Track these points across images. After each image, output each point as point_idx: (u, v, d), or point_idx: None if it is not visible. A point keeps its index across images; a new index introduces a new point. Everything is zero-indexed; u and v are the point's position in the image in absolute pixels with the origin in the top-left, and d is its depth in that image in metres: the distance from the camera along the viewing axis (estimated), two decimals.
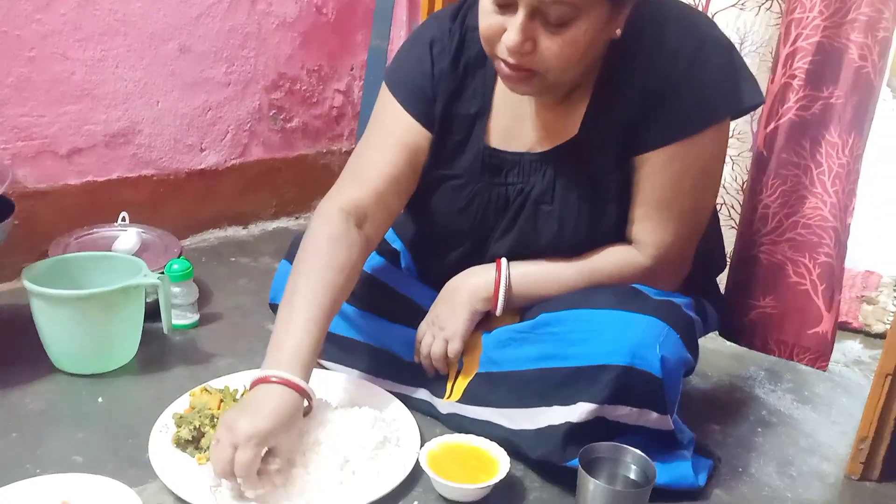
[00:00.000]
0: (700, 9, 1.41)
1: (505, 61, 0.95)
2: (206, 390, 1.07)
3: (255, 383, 0.96)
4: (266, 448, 0.91)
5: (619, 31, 0.97)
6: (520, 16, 0.90)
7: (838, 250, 1.29)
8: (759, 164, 1.35)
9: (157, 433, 1.03)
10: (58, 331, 1.18)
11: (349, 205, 1.08)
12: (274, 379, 0.94)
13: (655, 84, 1.01)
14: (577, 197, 1.07)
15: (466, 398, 1.11)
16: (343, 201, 1.09)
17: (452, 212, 1.13)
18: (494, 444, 1.03)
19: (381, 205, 1.10)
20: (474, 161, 1.11)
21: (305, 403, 0.98)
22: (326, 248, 1.04)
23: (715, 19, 1.38)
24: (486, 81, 1.09)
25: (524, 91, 1.00)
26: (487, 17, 0.94)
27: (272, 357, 0.97)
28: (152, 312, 1.29)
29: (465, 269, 1.14)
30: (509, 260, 1.11)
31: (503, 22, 0.92)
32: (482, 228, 1.13)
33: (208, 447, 0.98)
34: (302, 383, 0.95)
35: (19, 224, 1.35)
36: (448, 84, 1.09)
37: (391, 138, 1.10)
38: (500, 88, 1.08)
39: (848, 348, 1.55)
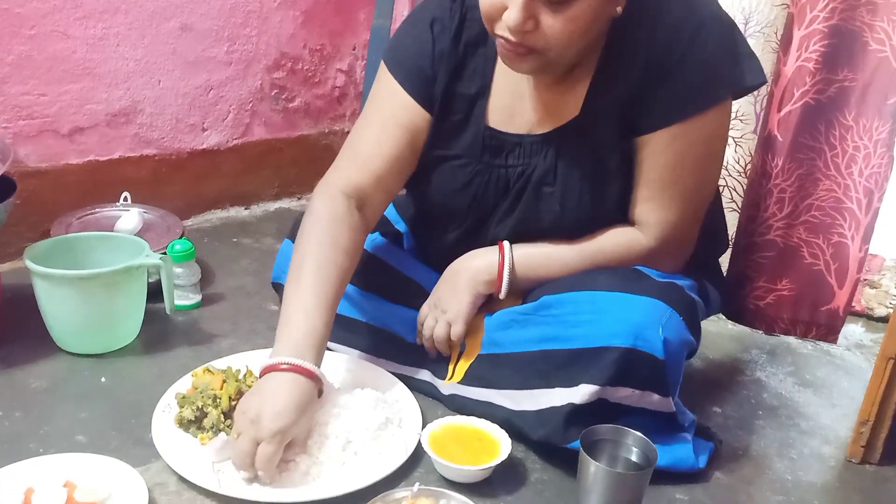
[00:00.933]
0: None
1: (506, 39, 0.94)
2: (209, 370, 1.07)
3: (267, 369, 0.95)
4: (288, 439, 0.92)
5: (619, 9, 0.97)
6: None
7: (854, 231, 1.30)
8: (773, 148, 1.35)
9: (159, 413, 1.03)
10: (60, 311, 1.18)
11: (349, 187, 1.09)
12: (284, 366, 0.93)
13: (657, 62, 1.00)
14: (579, 178, 1.06)
15: (468, 380, 1.11)
16: (343, 183, 1.09)
17: (451, 192, 1.13)
18: (496, 426, 1.04)
19: (381, 187, 1.10)
20: (474, 141, 1.10)
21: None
22: (330, 230, 1.04)
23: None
24: (487, 61, 1.08)
25: (523, 69, 1.00)
26: None
27: (284, 342, 0.96)
28: (154, 293, 1.29)
29: (465, 250, 1.14)
30: (511, 242, 1.11)
31: (504, 0, 0.92)
32: (481, 210, 1.12)
33: (211, 427, 0.99)
34: (314, 369, 0.94)
35: (21, 203, 1.35)
36: (448, 63, 1.08)
37: (390, 119, 1.10)
38: (500, 68, 1.07)
39: (850, 331, 1.55)
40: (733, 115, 1.35)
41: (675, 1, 1.00)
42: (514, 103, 1.09)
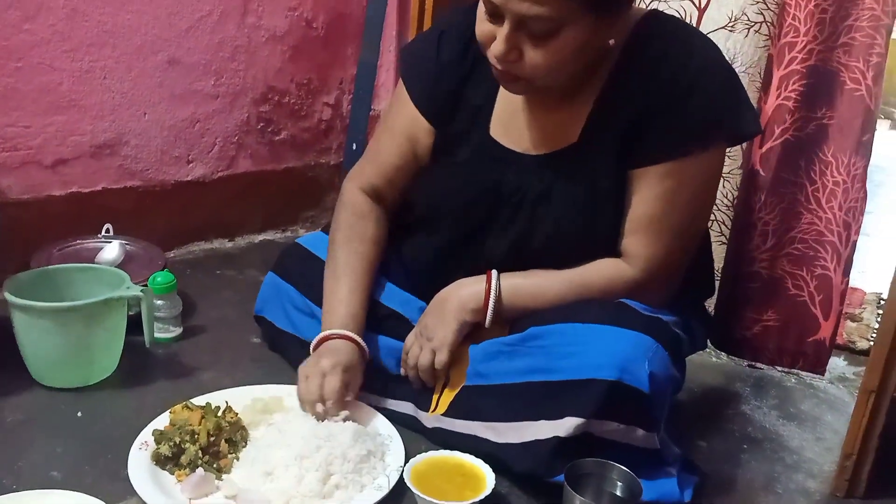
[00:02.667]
0: None
1: (494, 66, 1.00)
2: (188, 407, 1.05)
3: (318, 342, 1.12)
4: (347, 380, 1.08)
5: (612, 42, 1.00)
6: (505, 27, 0.95)
7: (836, 263, 1.33)
8: (755, 183, 1.37)
9: (136, 450, 1.01)
10: (38, 343, 1.16)
11: (367, 186, 1.24)
12: (334, 336, 1.11)
13: (658, 100, 1.02)
14: (574, 202, 1.08)
15: (452, 411, 1.10)
16: (361, 182, 1.25)
17: (445, 194, 1.15)
18: (480, 460, 1.02)
19: (393, 187, 1.24)
20: (475, 149, 1.14)
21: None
22: (357, 223, 1.21)
23: None
24: (492, 74, 1.10)
25: (516, 91, 1.05)
26: (481, 23, 0.99)
27: (328, 321, 1.14)
28: (135, 325, 1.27)
29: (455, 266, 1.15)
30: (505, 261, 1.11)
31: (493, 30, 0.97)
32: (471, 218, 1.14)
33: (188, 463, 0.98)
34: (357, 338, 1.12)
35: (1, 234, 1.33)
36: (455, 72, 1.14)
37: (399, 128, 1.20)
38: None
39: (832, 365, 1.56)
40: None
41: (682, 43, 1.03)
42: (515, 119, 1.12)
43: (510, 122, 1.12)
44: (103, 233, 1.53)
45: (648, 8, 1.15)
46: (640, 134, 1.04)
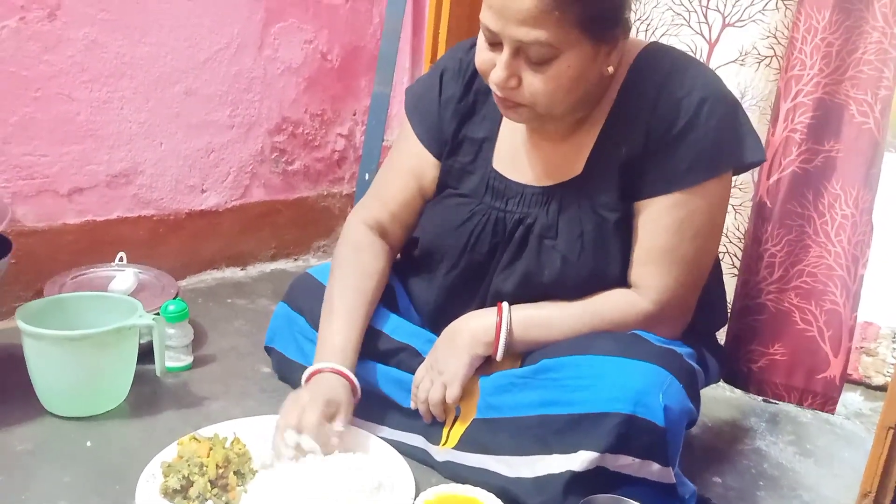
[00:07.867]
0: None
1: (495, 93, 1.01)
2: (195, 438, 1.04)
3: (309, 376, 1.10)
4: (329, 414, 1.06)
5: (610, 69, 1.01)
6: (505, 53, 0.97)
7: (846, 298, 1.31)
8: (763, 215, 1.37)
9: (144, 483, 1.00)
10: (49, 371, 1.16)
11: (371, 221, 1.23)
12: (326, 369, 1.09)
13: (658, 133, 1.02)
14: (580, 234, 1.08)
15: (463, 445, 1.09)
16: (366, 217, 1.24)
17: (449, 227, 1.16)
18: (491, 495, 1.01)
19: (397, 222, 1.23)
20: (481, 182, 1.15)
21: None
22: (356, 257, 1.20)
23: None
24: (496, 108, 1.11)
25: (517, 119, 1.06)
26: (481, 52, 1.01)
27: (320, 355, 1.12)
28: (145, 354, 1.27)
29: (462, 298, 1.15)
30: (514, 296, 1.11)
31: (494, 58, 0.99)
32: (476, 251, 1.14)
33: (197, 496, 0.97)
34: (348, 373, 1.10)
35: (16, 263, 1.34)
36: (458, 108, 1.16)
37: (404, 165, 1.22)
38: None
39: (849, 400, 1.53)
40: (732, 184, 1.37)
41: (683, 76, 1.03)
42: (519, 152, 1.13)
43: (514, 155, 1.13)
44: (117, 261, 1.54)
45: (649, 40, 1.16)
46: (642, 167, 1.04)
